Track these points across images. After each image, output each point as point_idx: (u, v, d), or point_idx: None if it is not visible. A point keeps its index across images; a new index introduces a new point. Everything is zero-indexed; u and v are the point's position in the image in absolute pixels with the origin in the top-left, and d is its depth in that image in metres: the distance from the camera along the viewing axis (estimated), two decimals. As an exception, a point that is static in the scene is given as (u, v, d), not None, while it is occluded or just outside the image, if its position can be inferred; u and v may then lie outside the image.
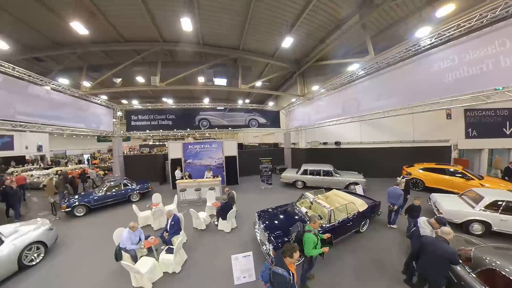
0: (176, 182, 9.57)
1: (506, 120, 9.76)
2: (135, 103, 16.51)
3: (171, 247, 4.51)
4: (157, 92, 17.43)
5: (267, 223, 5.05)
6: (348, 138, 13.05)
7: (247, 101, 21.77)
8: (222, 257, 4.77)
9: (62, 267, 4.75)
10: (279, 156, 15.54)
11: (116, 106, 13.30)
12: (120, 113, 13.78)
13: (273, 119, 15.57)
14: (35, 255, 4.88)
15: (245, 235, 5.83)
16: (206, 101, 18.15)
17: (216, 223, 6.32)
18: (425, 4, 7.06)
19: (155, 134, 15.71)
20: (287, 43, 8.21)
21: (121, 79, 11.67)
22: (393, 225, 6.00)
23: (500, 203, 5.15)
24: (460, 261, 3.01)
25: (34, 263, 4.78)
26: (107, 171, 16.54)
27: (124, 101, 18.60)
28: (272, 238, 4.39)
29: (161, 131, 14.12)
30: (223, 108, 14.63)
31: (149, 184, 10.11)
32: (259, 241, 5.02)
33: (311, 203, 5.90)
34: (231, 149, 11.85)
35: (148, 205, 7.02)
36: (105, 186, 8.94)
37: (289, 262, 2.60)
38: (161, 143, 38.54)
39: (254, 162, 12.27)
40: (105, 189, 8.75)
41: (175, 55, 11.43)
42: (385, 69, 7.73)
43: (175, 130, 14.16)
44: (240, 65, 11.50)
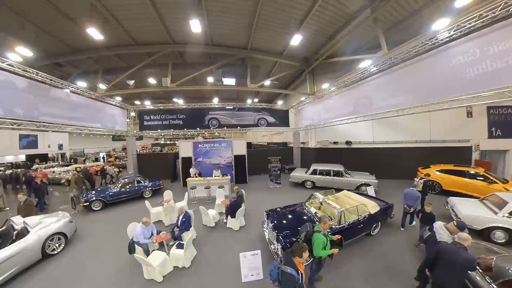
0: (186, 180, 9.82)
1: (535, 118, 9.05)
2: (148, 104, 17.07)
3: (181, 242, 4.64)
4: (168, 92, 17.92)
5: (276, 222, 5.03)
6: (359, 137, 12.66)
7: (256, 100, 21.80)
8: (230, 254, 4.83)
9: (80, 257, 5.07)
10: (288, 155, 15.40)
11: (129, 106, 13.86)
12: (133, 114, 14.33)
13: (282, 118, 15.46)
14: (57, 245, 5.27)
15: (253, 233, 5.85)
16: (215, 100, 18.39)
17: (225, 220, 6.40)
18: (443, -6, 6.71)
19: (166, 133, 16.16)
20: (296, 40, 8.11)
21: (134, 81, 12.15)
22: (410, 225, 5.83)
23: (527, 209, 4.76)
24: (478, 269, 2.82)
25: (55, 252, 5.17)
26: (121, 169, 17.28)
27: (137, 102, 19.28)
28: (280, 237, 4.37)
29: (172, 130, 14.49)
30: (232, 107, 14.74)
31: (161, 181, 10.46)
32: (268, 240, 5.02)
33: (321, 203, 5.81)
34: (240, 148, 11.93)
35: (160, 201, 7.30)
36: (120, 182, 9.40)
37: (298, 261, 2.58)
38: (172, 142, 39.64)
39: (263, 161, 12.27)
40: (120, 185, 9.20)
41: (185, 56, 11.68)
42: (399, 65, 7.40)
43: (186, 129, 14.48)
44: (248, 64, 11.52)
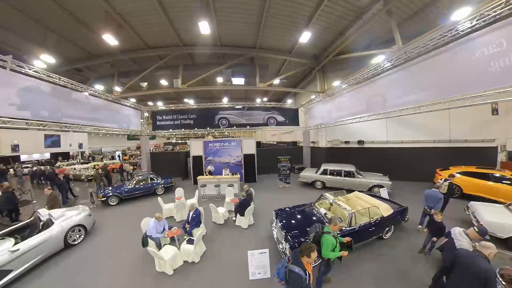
0: (197, 177, 10.04)
1: None
2: (160, 105, 17.64)
3: (191, 238, 4.79)
4: (179, 93, 18.40)
5: (285, 222, 5.01)
6: (372, 136, 12.21)
7: (265, 99, 21.74)
8: (238, 251, 4.88)
9: (98, 248, 5.43)
10: (298, 155, 15.22)
11: (143, 107, 14.42)
12: (146, 114, 14.89)
13: (291, 117, 15.30)
14: (77, 236, 5.69)
15: (261, 232, 5.87)
16: (225, 100, 18.59)
17: (234, 218, 6.48)
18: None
19: (178, 132, 16.64)
20: (305, 38, 7.95)
21: (147, 83, 12.65)
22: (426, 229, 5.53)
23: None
24: (501, 281, 2.60)
25: (76, 242, 5.58)
26: (135, 166, 18.13)
27: (150, 103, 20.00)
28: (289, 237, 4.35)
29: (183, 130, 14.93)
30: (242, 107, 14.82)
31: (173, 179, 10.81)
32: (276, 239, 5.02)
33: (331, 204, 5.69)
34: (249, 147, 11.99)
35: (172, 198, 7.57)
36: (134, 179, 9.84)
37: (306, 261, 2.56)
38: (183, 141, 40.63)
39: (272, 160, 12.24)
40: (134, 182, 9.64)
41: (195, 57, 11.92)
42: (415, 60, 6.99)
43: (196, 129, 14.82)
44: (257, 63, 11.51)
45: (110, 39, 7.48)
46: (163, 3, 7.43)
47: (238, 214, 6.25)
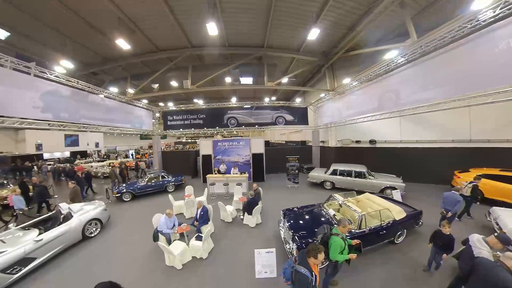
0: (206, 176, 10.23)
1: None
2: (170, 105, 18.13)
3: (200, 235, 4.90)
4: (189, 94, 18.79)
5: (292, 222, 4.97)
6: (385, 136, 11.73)
7: (274, 98, 21.64)
8: (245, 250, 4.92)
9: (113, 240, 5.74)
10: (307, 154, 15.02)
11: (154, 108, 14.92)
12: (158, 114, 15.39)
13: (300, 116, 15.13)
14: (94, 229, 6.04)
15: (269, 231, 5.87)
16: (233, 100, 18.71)
17: (241, 217, 6.53)
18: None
19: (188, 132, 17.03)
20: (313, 35, 7.81)
21: (158, 85, 13.10)
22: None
23: None
24: None
25: (93, 235, 5.93)
26: (146, 164, 18.88)
27: (161, 104, 20.61)
28: (296, 237, 4.32)
29: (193, 129, 15.27)
30: (250, 106, 14.87)
31: (183, 177, 11.14)
32: (283, 239, 5.00)
33: (340, 205, 5.56)
34: (258, 147, 12.01)
35: (182, 195, 7.83)
36: (147, 177, 10.26)
37: (313, 262, 2.53)
38: (193, 141, 41.49)
39: (280, 160, 12.15)
40: (147, 179, 10.05)
41: (204, 59, 12.13)
42: (431, 54, 6.61)
43: (206, 128, 15.11)
44: (265, 62, 11.49)
45: (123, 44, 7.90)
46: (172, 7, 7.63)
47: (246, 212, 6.29)
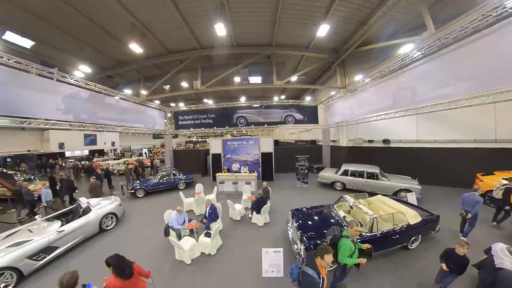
0: (216, 174, 10.41)
1: None
2: (181, 105, 18.59)
3: (209, 232, 5.03)
4: (199, 94, 19.13)
5: (301, 222, 4.92)
6: (399, 135, 11.18)
7: (283, 97, 21.41)
8: (253, 248, 4.95)
9: (127, 234, 6.09)
10: (317, 154, 14.75)
11: (166, 108, 15.41)
12: (169, 115, 15.91)
13: (310, 115, 14.86)
14: (110, 222, 6.42)
15: (277, 231, 5.86)
16: (242, 99, 18.77)
17: (250, 216, 6.58)
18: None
19: (198, 131, 17.43)
20: (323, 31, 7.63)
21: (169, 86, 13.57)
22: (464, 238, 4.97)
23: None
24: None
25: (109, 228, 6.31)
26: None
27: (172, 104, 21.14)
28: (304, 238, 4.27)
29: (203, 129, 15.57)
30: (259, 105, 14.86)
31: (193, 175, 11.44)
32: (291, 239, 4.96)
33: (351, 207, 5.41)
34: (267, 146, 11.99)
35: (193, 193, 8.06)
36: (159, 175, 10.67)
37: (320, 264, 2.49)
38: (203, 140, 42.27)
39: (290, 159, 12.06)
40: (159, 177, 10.46)
41: (213, 59, 12.30)
42: (451, 47, 6.15)
43: (215, 127, 15.34)
44: (273, 61, 11.40)
45: (135, 48, 8.28)
46: (181, 10, 7.81)
47: (254, 211, 6.32)
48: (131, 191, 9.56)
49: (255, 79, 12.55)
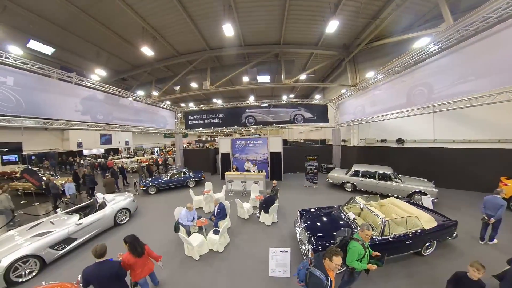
0: (225, 173, 10.55)
1: None
2: (191, 106, 18.95)
3: (217, 229, 5.13)
4: (208, 94, 19.49)
5: (309, 223, 4.86)
6: (415, 134, 10.62)
7: (292, 96, 21.22)
8: (260, 247, 4.97)
9: (140, 228, 6.30)
10: (327, 154, 14.45)
11: (177, 109, 15.82)
12: (180, 115, 16.31)
13: (320, 114, 14.59)
14: (124, 217, 6.74)
15: (284, 231, 5.83)
16: (251, 99, 18.83)
17: (258, 215, 6.61)
18: None
19: (208, 131, 17.74)
20: (332, 27, 7.43)
21: (179, 87, 13.90)
22: (490, 242, 4.74)
23: None
24: None
25: (123, 222, 6.63)
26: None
27: (182, 105, 21.64)
28: (312, 239, 4.19)
29: (212, 128, 15.82)
30: (268, 104, 14.82)
31: (203, 173, 11.71)
32: (299, 239, 4.91)
33: (361, 209, 5.24)
34: (276, 145, 11.95)
35: (202, 191, 8.25)
36: (170, 172, 11.05)
37: (328, 266, 2.44)
38: (212, 139, 42.92)
39: (299, 159, 11.94)
40: (170, 175, 10.81)
41: (221, 59, 12.51)
42: (471, 39, 5.73)
43: (224, 127, 15.52)
44: (282, 59, 11.30)
45: (147, 51, 8.67)
46: (189, 13, 8.01)
47: (262, 210, 6.33)
48: (144, 188, 9.97)
49: (264, 78, 12.53)
